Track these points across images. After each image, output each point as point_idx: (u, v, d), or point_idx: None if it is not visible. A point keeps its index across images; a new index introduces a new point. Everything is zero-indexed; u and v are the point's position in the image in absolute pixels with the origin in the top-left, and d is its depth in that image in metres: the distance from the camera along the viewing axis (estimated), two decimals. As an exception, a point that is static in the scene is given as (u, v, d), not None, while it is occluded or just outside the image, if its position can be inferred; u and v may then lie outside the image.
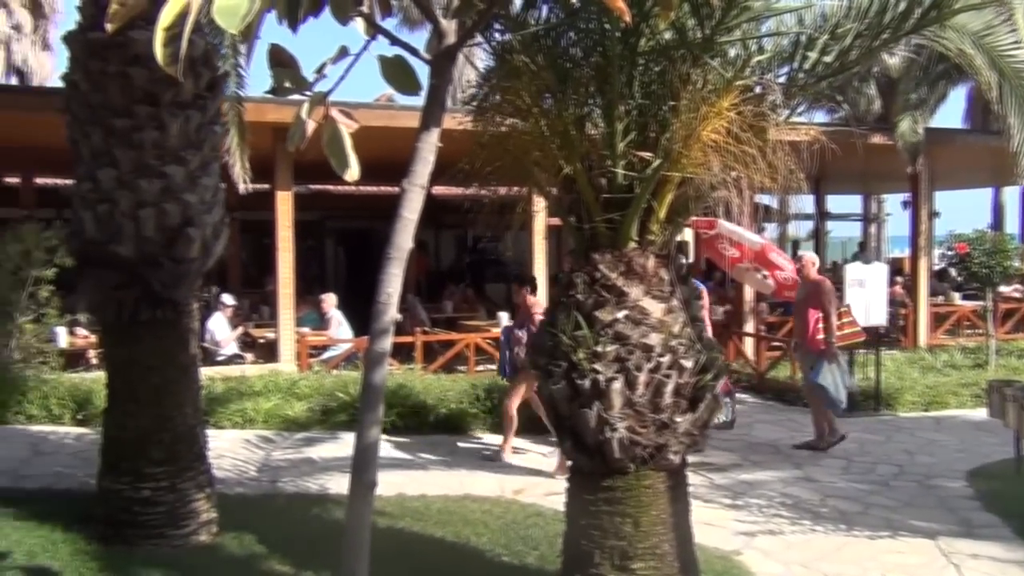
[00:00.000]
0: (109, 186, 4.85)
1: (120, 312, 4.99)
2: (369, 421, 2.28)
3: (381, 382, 2.28)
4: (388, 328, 2.30)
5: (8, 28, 28.30)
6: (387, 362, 2.36)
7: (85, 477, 6.32)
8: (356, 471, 2.29)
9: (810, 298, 8.23)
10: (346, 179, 2.75)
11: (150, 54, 4.71)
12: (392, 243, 2.37)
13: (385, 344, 2.31)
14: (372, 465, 2.32)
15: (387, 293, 2.28)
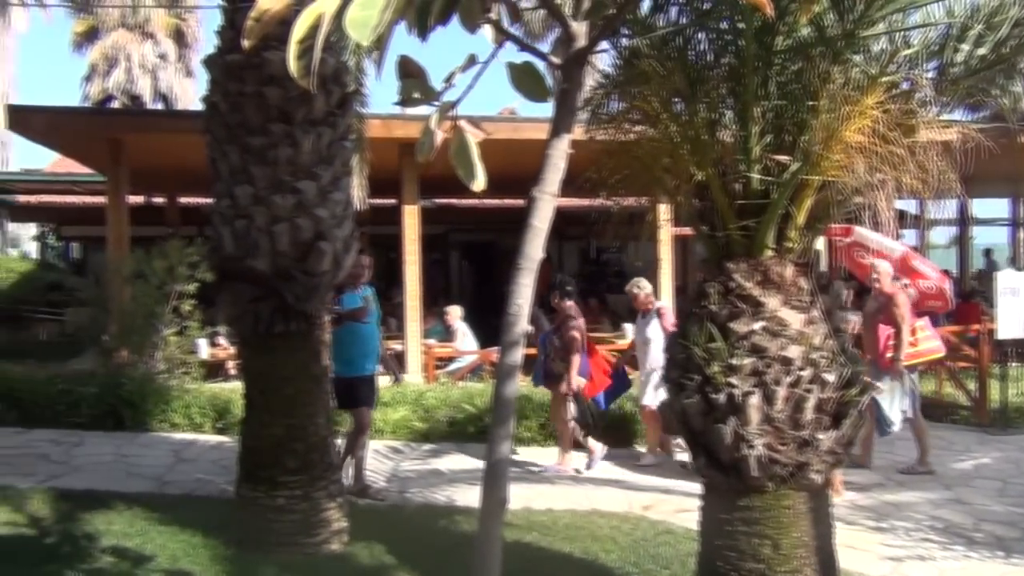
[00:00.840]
0: (246, 202, 5.00)
1: (256, 324, 5.13)
2: (500, 436, 2.22)
3: (512, 396, 2.23)
4: (519, 340, 2.24)
5: (155, 57, 30.07)
6: (518, 375, 2.30)
7: (224, 484, 6.54)
8: (487, 487, 2.23)
9: (882, 311, 7.70)
10: (473, 189, 2.71)
11: (284, 74, 4.85)
12: (522, 253, 2.31)
13: (516, 357, 2.25)
14: (503, 481, 2.26)
15: (517, 304, 2.22)
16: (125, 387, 8.39)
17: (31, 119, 9.60)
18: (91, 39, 29.99)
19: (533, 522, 5.99)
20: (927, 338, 7.76)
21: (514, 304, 2.21)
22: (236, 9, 5.05)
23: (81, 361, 11.06)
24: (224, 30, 5.16)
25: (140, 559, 5.03)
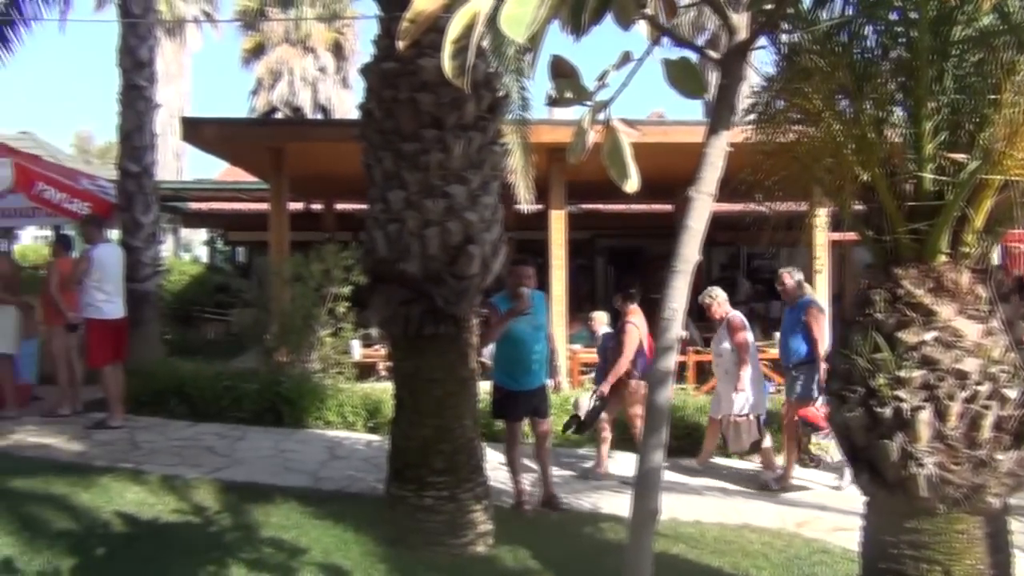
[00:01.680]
0: (398, 207, 5.10)
1: (407, 327, 5.23)
2: (653, 444, 2.14)
3: (666, 403, 2.15)
4: (673, 345, 2.16)
5: (315, 70, 31.43)
6: (672, 382, 2.22)
7: (374, 482, 6.70)
8: (638, 497, 2.16)
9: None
10: (626, 191, 2.65)
11: (437, 80, 4.94)
12: (677, 255, 2.23)
13: (670, 362, 2.17)
14: (655, 491, 2.18)
15: (672, 308, 2.14)
16: (284, 385, 8.77)
17: (202, 130, 10.18)
18: (258, 55, 31.68)
19: (680, 533, 5.84)
20: None
21: (668, 308, 2.13)
22: (392, 18, 5.16)
23: (244, 359, 11.63)
24: (380, 39, 5.29)
25: (296, 551, 5.21)
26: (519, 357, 6.31)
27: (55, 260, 9.23)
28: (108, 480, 6.45)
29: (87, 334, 8.61)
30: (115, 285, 8.50)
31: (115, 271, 8.53)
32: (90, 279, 8.29)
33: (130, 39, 9.77)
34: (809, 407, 7.18)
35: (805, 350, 7.26)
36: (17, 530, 5.32)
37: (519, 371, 6.34)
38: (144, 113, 9.98)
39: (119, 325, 8.60)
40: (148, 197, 9.93)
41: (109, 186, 10.48)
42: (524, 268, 6.38)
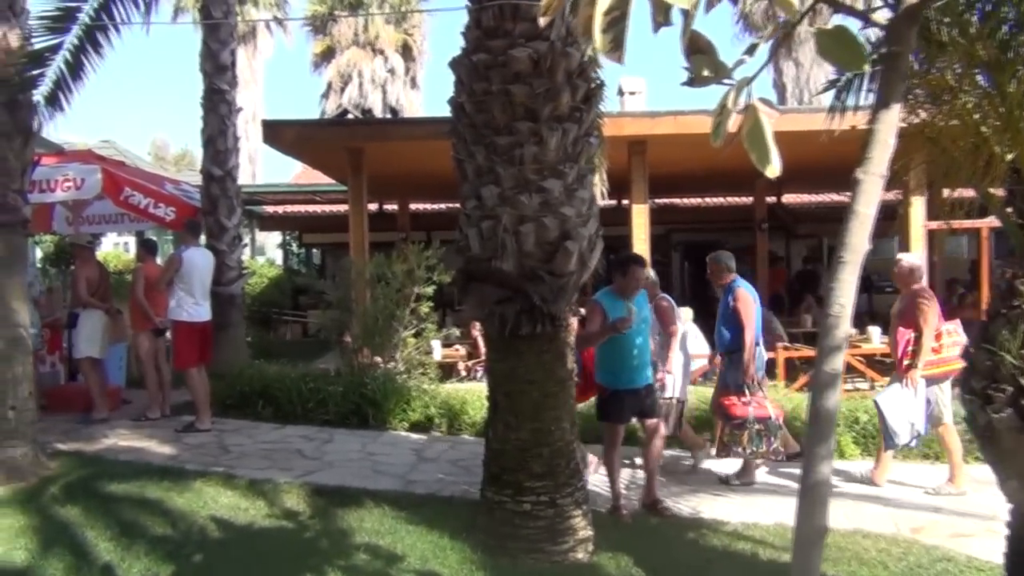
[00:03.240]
0: (492, 203, 4.94)
1: (502, 327, 5.07)
2: (820, 454, 1.92)
3: (834, 409, 1.93)
4: (841, 345, 1.94)
5: (384, 72, 31.64)
6: (840, 385, 1.99)
7: (465, 485, 6.57)
8: (804, 513, 1.94)
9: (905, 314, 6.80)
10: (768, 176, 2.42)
11: (530, 71, 4.75)
12: (844, 244, 2.00)
13: (837, 364, 1.95)
14: (823, 507, 1.97)
15: (839, 304, 1.92)
16: (368, 387, 8.71)
17: (283, 132, 10.20)
18: (328, 59, 32.03)
19: (790, 539, 5.54)
20: (953, 344, 6.71)
21: (835, 304, 1.91)
22: (482, 8, 5.01)
23: (325, 361, 11.66)
24: (470, 30, 5.14)
25: (392, 558, 5.10)
26: (622, 354, 6.07)
27: (140, 265, 9.36)
28: (201, 484, 6.45)
29: (174, 336, 8.70)
30: (203, 288, 8.58)
31: (203, 274, 8.62)
32: (179, 282, 8.38)
33: (211, 43, 9.84)
34: (732, 396, 6.86)
35: (730, 337, 6.94)
36: (116, 535, 5.33)
37: (622, 368, 6.10)
38: (227, 117, 10.05)
39: (205, 328, 8.66)
40: (231, 200, 9.99)
41: (193, 190, 10.59)
42: (640, 269, 6.17)
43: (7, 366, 6.61)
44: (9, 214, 6.74)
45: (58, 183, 8.73)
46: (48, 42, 6.82)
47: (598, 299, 6.16)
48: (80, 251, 9.29)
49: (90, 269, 9.11)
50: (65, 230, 11.30)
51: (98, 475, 6.62)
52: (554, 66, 4.86)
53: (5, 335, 6.63)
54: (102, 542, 5.23)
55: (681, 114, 9.68)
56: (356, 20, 31.50)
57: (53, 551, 5.06)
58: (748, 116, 2.36)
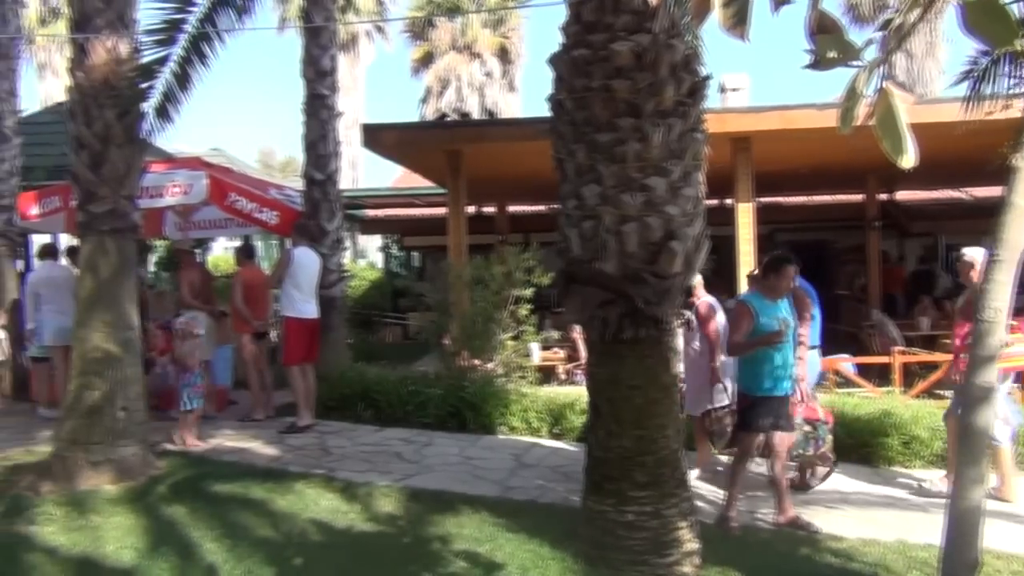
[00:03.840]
0: (593, 202, 4.78)
1: (604, 330, 4.90)
2: (970, 478, 1.70)
3: (986, 427, 1.70)
4: (994, 355, 1.71)
5: (482, 76, 31.80)
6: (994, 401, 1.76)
7: (566, 492, 6.42)
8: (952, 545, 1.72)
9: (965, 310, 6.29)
10: (902, 166, 2.21)
11: (632, 65, 4.57)
12: (999, 241, 1.77)
13: (990, 376, 1.72)
14: (974, 538, 1.74)
15: (993, 308, 1.69)
16: (467, 390, 8.65)
17: (382, 136, 10.26)
18: (426, 64, 32.38)
19: (912, 559, 5.20)
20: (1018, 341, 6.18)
21: (988, 308, 1.68)
22: (581, 3, 4.86)
23: (424, 363, 11.68)
24: (569, 25, 4.99)
25: (491, 566, 4.99)
26: (772, 360, 5.80)
27: (239, 270, 9.58)
28: (302, 486, 6.49)
29: (283, 332, 8.88)
30: (311, 287, 8.78)
31: (311, 274, 8.83)
32: (289, 279, 8.56)
33: (313, 49, 9.96)
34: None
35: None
36: (220, 536, 5.38)
37: (769, 375, 5.83)
38: (327, 122, 10.15)
39: (314, 326, 8.82)
40: (333, 204, 10.09)
41: (296, 195, 10.75)
42: (790, 268, 5.90)
43: (118, 367, 6.80)
44: (120, 220, 6.93)
45: (167, 189, 8.97)
46: (156, 54, 6.96)
47: (747, 301, 5.91)
48: (183, 255, 9.57)
49: (193, 273, 9.38)
50: (175, 235, 11.65)
51: (204, 475, 6.73)
52: (657, 59, 4.67)
53: (116, 337, 6.81)
54: (207, 542, 5.29)
55: (788, 108, 9.30)
56: (454, 25, 31.76)
57: (159, 550, 5.14)
58: (880, 101, 2.15)
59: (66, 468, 6.56)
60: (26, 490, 6.38)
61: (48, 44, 32.07)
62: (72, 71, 6.95)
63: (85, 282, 6.93)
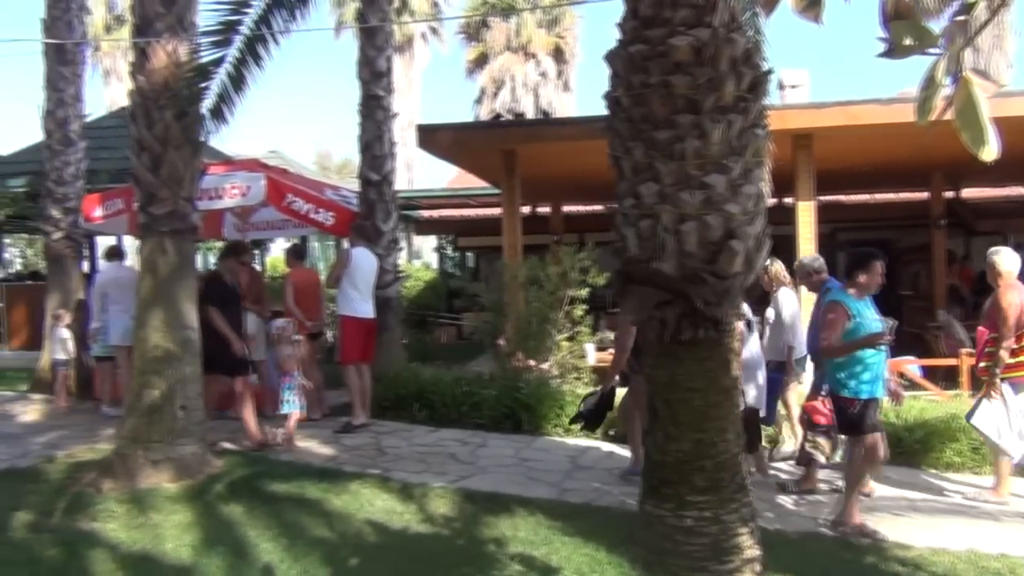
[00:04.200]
0: (651, 201, 4.69)
1: (661, 331, 4.80)
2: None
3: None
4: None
5: (536, 76, 31.77)
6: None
7: (621, 495, 6.33)
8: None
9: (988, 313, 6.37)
10: (982, 158, 2.09)
11: (691, 60, 4.47)
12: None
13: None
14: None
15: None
16: (522, 391, 8.59)
17: (437, 136, 10.26)
18: (481, 64, 32.47)
19: (984, 569, 5.00)
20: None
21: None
22: (639, -3, 4.77)
23: (479, 364, 11.66)
24: (626, 20, 4.90)
25: (547, 570, 4.93)
26: (869, 360, 5.63)
27: (290, 271, 9.68)
28: (358, 486, 6.50)
29: (340, 332, 8.95)
30: (368, 287, 8.86)
31: (369, 273, 8.91)
32: (347, 278, 8.62)
33: (368, 51, 10.01)
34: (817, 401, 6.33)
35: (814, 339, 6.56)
36: (276, 536, 5.40)
37: (876, 376, 5.67)
38: (383, 123, 10.19)
39: (370, 325, 8.87)
40: (388, 205, 10.13)
41: (351, 195, 10.81)
42: (878, 263, 5.75)
43: (177, 367, 6.88)
44: (179, 221, 7.03)
45: (225, 191, 9.08)
46: (212, 56, 7.04)
47: (841, 300, 5.73)
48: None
49: (242, 275, 9.49)
50: (234, 236, 11.81)
51: (260, 474, 6.79)
52: (717, 54, 4.57)
53: (175, 337, 6.90)
54: (263, 541, 5.32)
55: (851, 104, 9.07)
56: (509, 26, 31.77)
57: (217, 549, 5.18)
58: (960, 90, 2.03)
59: (127, 466, 6.67)
60: (88, 487, 6.50)
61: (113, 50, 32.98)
62: (133, 74, 7.07)
63: (145, 282, 7.04)
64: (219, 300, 7.92)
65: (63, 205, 11.23)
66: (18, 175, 14.83)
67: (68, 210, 11.23)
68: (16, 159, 16.39)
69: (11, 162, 16.48)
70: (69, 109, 11.31)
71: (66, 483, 6.70)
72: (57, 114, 11.24)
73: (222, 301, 7.95)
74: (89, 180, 11.88)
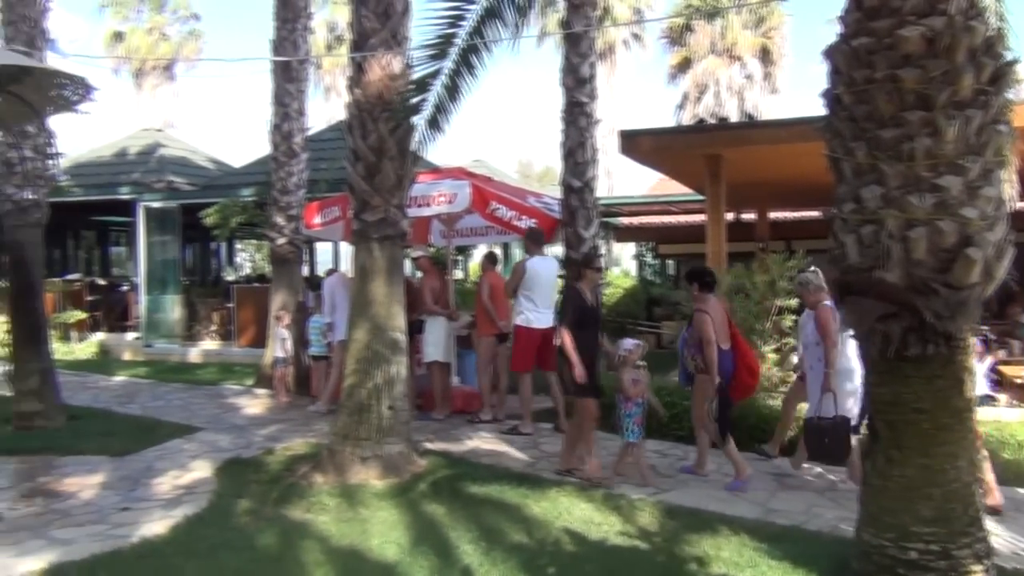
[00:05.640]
0: (874, 205, 4.35)
1: (885, 346, 4.44)
2: None
3: None
4: None
5: (741, 79, 30.88)
6: None
7: (835, 520, 5.95)
8: None
9: None
10: None
11: (923, 52, 4.11)
12: None
13: None
14: None
15: None
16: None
17: (640, 142, 10.14)
18: (684, 69, 31.96)
19: None
20: None
21: None
22: (865, -13, 4.44)
23: (678, 373, 11.35)
24: (848, 13, 4.58)
25: (752, 594, 4.68)
26: None
27: (484, 274, 9.85)
28: (556, 494, 6.47)
29: (513, 341, 9.00)
30: (544, 296, 8.86)
31: (545, 283, 8.90)
32: (523, 289, 8.66)
33: (572, 57, 10.00)
34: None
35: None
36: (476, 538, 5.46)
37: None
38: (586, 129, 10.15)
39: (545, 335, 8.86)
40: (590, 212, 10.07)
41: (553, 202, 10.85)
42: None
43: (386, 367, 7.14)
44: (390, 228, 7.29)
45: (433, 198, 9.35)
46: (429, 68, 7.19)
47: None
48: (424, 262, 10.03)
49: (433, 279, 9.82)
50: (440, 242, 12.17)
51: (462, 476, 6.91)
52: (954, 44, 4.17)
53: (384, 339, 7.17)
54: (463, 543, 5.38)
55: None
56: (713, 28, 31.06)
57: (420, 548, 5.30)
58: None
59: (337, 461, 6.98)
60: (302, 479, 6.87)
61: (333, 68, 35.05)
62: (351, 88, 7.42)
63: (357, 286, 7.35)
64: (577, 319, 7.11)
65: (287, 213, 12.01)
66: (248, 185, 16.04)
67: (291, 217, 12.00)
68: (247, 171, 17.76)
69: (242, 173, 17.87)
70: (293, 123, 12.08)
71: (283, 474, 7.11)
72: (283, 128, 12.04)
73: (580, 320, 7.13)
74: (309, 189, 12.64)
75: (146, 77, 36.52)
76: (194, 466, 7.54)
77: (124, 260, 27.73)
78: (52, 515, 6.18)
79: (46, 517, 6.13)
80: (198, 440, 8.67)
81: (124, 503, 6.45)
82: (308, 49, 12.66)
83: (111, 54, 35.13)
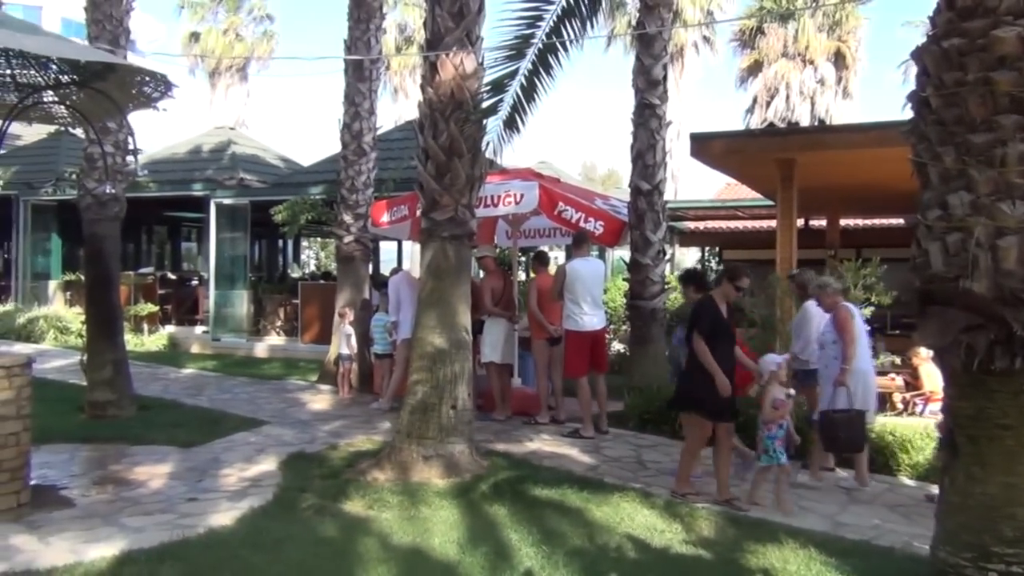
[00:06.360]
0: (961, 212, 4.18)
1: (969, 359, 4.26)
2: None
3: None
4: None
5: (814, 83, 30.29)
6: None
7: (906, 536, 5.78)
8: None
9: None
10: None
11: (1019, 54, 3.94)
12: None
13: None
14: None
15: None
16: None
17: (711, 145, 9.98)
18: (754, 72, 31.46)
19: None
20: None
21: None
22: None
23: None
24: (939, 13, 4.42)
25: (820, 610, 4.55)
26: None
27: (534, 277, 9.79)
28: (618, 499, 6.39)
29: (565, 345, 8.94)
30: (590, 298, 8.80)
31: (589, 284, 8.82)
32: (567, 292, 8.60)
33: (644, 59, 9.94)
34: None
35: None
36: (538, 542, 5.41)
37: None
38: (656, 131, 10.07)
39: (595, 337, 8.79)
40: (658, 215, 9.99)
41: (620, 205, 10.77)
42: None
43: (450, 366, 7.14)
44: (458, 227, 7.30)
45: (500, 199, 9.32)
46: (506, 69, 7.04)
47: None
48: (486, 263, 9.99)
49: (495, 280, 9.77)
50: (506, 243, 12.16)
51: (523, 478, 6.87)
52: (1051, 46, 3.99)
53: (450, 338, 7.17)
54: (524, 546, 5.34)
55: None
56: (785, 31, 30.53)
57: (480, 548, 5.27)
58: None
59: (400, 459, 7.00)
60: (365, 475, 6.90)
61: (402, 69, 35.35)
62: (423, 87, 7.45)
63: (424, 285, 7.38)
64: (710, 330, 6.55)
65: (355, 211, 12.13)
66: (317, 183, 16.27)
67: (359, 216, 12.11)
68: (315, 169, 18.03)
69: (311, 172, 18.14)
70: (363, 122, 12.20)
71: (346, 470, 7.16)
72: (353, 127, 12.17)
73: (713, 332, 6.56)
74: (377, 188, 12.75)
75: (220, 77, 37.26)
76: (259, 459, 7.65)
77: (194, 255, 28.39)
78: (123, 503, 6.32)
79: (117, 504, 6.27)
80: (263, 433, 8.80)
81: (191, 493, 6.57)
82: (380, 49, 12.78)
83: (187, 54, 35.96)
